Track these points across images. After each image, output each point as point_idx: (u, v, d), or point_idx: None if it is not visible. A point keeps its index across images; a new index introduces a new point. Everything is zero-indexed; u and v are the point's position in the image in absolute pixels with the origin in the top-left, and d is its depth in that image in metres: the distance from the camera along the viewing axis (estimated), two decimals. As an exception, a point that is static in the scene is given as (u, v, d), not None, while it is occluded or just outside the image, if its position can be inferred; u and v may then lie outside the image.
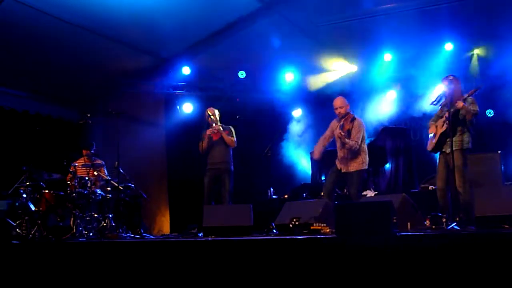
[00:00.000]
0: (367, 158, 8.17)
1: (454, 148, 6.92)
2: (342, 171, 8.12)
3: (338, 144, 8.21)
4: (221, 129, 8.87)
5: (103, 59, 10.89)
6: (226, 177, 8.81)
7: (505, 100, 10.49)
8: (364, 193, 9.76)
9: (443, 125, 7.18)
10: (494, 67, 10.29)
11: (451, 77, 7.23)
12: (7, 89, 11.03)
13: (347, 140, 7.95)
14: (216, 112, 9.09)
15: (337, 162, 8.23)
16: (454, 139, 7.01)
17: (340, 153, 8.18)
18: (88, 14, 9.21)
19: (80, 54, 10.38)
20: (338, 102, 8.28)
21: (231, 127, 9.07)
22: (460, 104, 6.79)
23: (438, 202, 7.30)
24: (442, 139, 7.19)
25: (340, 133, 7.98)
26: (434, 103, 7.44)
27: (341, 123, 8.17)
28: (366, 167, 8.25)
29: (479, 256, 4.04)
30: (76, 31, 9.60)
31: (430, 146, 7.48)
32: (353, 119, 8.15)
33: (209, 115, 8.97)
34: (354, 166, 8.05)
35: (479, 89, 6.82)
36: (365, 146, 8.18)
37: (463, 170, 6.95)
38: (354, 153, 8.03)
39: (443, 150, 7.25)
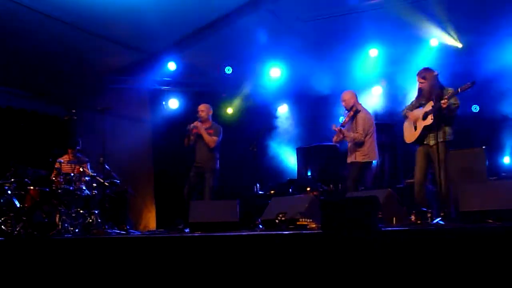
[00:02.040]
0: (375, 152, 8.23)
1: (439, 140, 6.91)
2: (348, 161, 8.21)
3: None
4: (199, 126, 8.86)
5: (88, 54, 10.82)
6: (209, 175, 8.85)
7: (490, 95, 10.56)
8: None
9: (425, 117, 7.11)
10: (479, 61, 10.34)
11: (428, 71, 7.23)
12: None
13: (345, 133, 8.04)
14: (207, 108, 9.08)
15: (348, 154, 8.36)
16: (438, 131, 7.00)
17: (348, 145, 8.29)
18: (73, 9, 9.14)
19: (65, 50, 10.32)
20: (343, 95, 8.38)
21: (219, 126, 9.05)
22: (445, 103, 6.75)
23: (415, 195, 7.25)
24: (425, 132, 7.15)
25: (337, 128, 8.09)
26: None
27: (346, 119, 8.28)
28: (371, 160, 8.30)
29: (464, 250, 4.07)
30: (61, 26, 9.54)
31: (411, 137, 7.40)
32: (356, 112, 8.21)
33: (198, 111, 9.00)
34: (355, 157, 8.13)
35: (473, 84, 6.73)
36: (371, 139, 8.20)
37: (446, 162, 6.96)
38: (358, 145, 8.10)
39: (425, 142, 7.22)
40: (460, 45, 10.65)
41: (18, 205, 8.54)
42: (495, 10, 9.41)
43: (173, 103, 12.40)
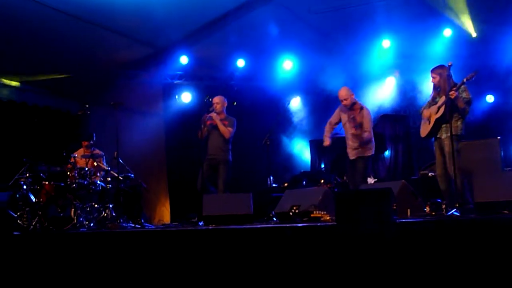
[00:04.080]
0: (374, 144, 8.28)
1: (449, 134, 6.90)
2: (351, 158, 8.19)
3: (347, 134, 8.26)
4: (214, 116, 8.83)
5: (100, 49, 10.84)
6: (222, 167, 8.77)
7: (505, 86, 10.49)
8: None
9: (437, 111, 7.18)
10: (494, 52, 10.26)
11: (441, 68, 7.24)
12: (5, 81, 10.99)
13: (365, 135, 8.02)
14: (221, 100, 9.04)
15: (348, 151, 8.32)
16: (448, 125, 6.98)
17: (349, 142, 8.24)
18: (85, 4, 9.15)
19: (78, 45, 10.33)
20: (343, 93, 8.29)
21: (233, 119, 9.03)
22: (453, 94, 6.77)
23: (440, 188, 7.29)
24: (437, 125, 7.21)
25: (355, 130, 8.07)
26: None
27: (352, 116, 8.19)
28: (373, 153, 8.33)
29: (479, 242, 4.05)
30: (73, 21, 9.54)
31: (424, 132, 7.48)
32: (362, 108, 8.18)
33: (213, 103, 8.96)
34: (361, 152, 8.13)
35: (476, 73, 6.77)
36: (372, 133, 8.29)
37: (456, 156, 6.94)
38: (363, 142, 8.08)
39: (438, 136, 7.26)
40: (474, 35, 10.55)
41: (33, 200, 8.60)
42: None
43: (186, 97, 12.42)
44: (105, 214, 8.75)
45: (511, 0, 9.34)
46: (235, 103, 9.60)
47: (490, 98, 10.72)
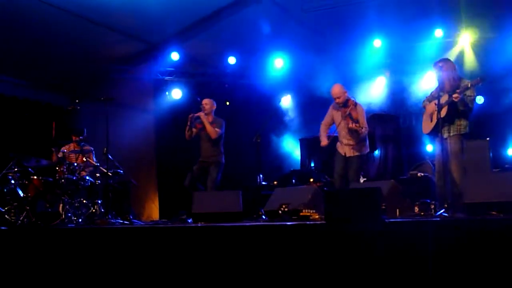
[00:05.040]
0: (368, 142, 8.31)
1: (452, 134, 6.86)
2: (347, 155, 8.17)
3: (342, 131, 8.24)
4: (202, 116, 8.87)
5: (92, 44, 10.80)
6: (213, 168, 8.88)
7: (494, 88, 10.53)
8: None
9: (439, 109, 7.04)
10: (485, 54, 10.31)
11: (445, 61, 7.12)
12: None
13: (363, 130, 7.99)
14: (211, 103, 9.08)
15: (339, 147, 8.27)
16: (452, 124, 6.94)
17: (344, 140, 8.22)
18: (77, -1, 9.15)
19: (69, 40, 10.30)
20: (337, 91, 8.26)
21: (222, 120, 9.05)
22: (457, 97, 6.69)
23: (437, 184, 7.19)
24: (440, 124, 7.07)
25: (354, 125, 7.99)
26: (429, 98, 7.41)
27: (348, 112, 8.15)
28: (368, 151, 8.37)
29: (467, 242, 4.07)
30: (65, 16, 9.52)
31: (427, 129, 7.37)
32: (356, 104, 8.18)
33: (202, 104, 9.01)
34: (358, 150, 8.14)
35: (483, 81, 6.65)
36: None
37: (460, 156, 6.91)
38: (360, 138, 8.09)
39: (440, 135, 7.12)
40: (466, 37, 10.61)
41: (21, 195, 8.56)
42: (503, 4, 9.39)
43: (177, 93, 12.39)
44: (94, 210, 8.72)
45: (504, 5, 9.37)
46: (228, 103, 9.60)
47: (480, 100, 10.76)
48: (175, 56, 11.70)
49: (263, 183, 10.49)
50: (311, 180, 10.14)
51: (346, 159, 8.20)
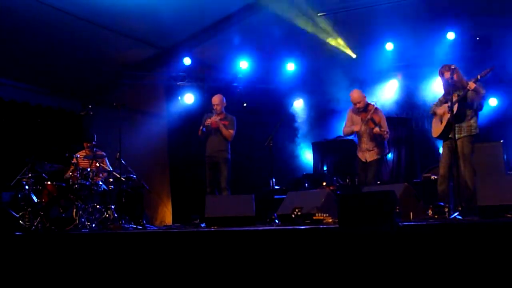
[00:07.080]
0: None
1: (462, 135, 6.83)
2: (368, 160, 8.19)
3: (363, 136, 8.25)
4: (218, 121, 8.90)
5: (104, 50, 10.85)
6: (222, 165, 8.94)
7: (508, 89, 10.46)
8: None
9: (450, 109, 7.00)
10: (497, 55, 10.24)
11: (452, 66, 7.11)
12: (7, 80, 10.96)
13: (386, 135, 8.02)
14: (221, 100, 9.07)
15: (359, 154, 8.32)
16: (462, 125, 6.91)
17: (363, 145, 8.26)
18: (89, 4, 9.18)
19: (81, 45, 10.34)
20: (356, 96, 8.32)
21: (233, 117, 9.07)
22: (472, 85, 6.67)
23: (437, 189, 7.24)
24: (450, 125, 7.02)
25: (379, 130, 8.01)
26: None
27: (369, 116, 8.17)
28: (388, 151, 8.48)
29: (482, 245, 4.04)
30: (76, 22, 9.57)
31: (437, 132, 7.36)
32: (376, 108, 8.20)
33: (213, 105, 9.01)
34: (378, 153, 8.23)
35: (492, 69, 6.63)
36: None
37: (470, 157, 6.87)
38: (380, 143, 8.10)
39: (450, 136, 7.10)
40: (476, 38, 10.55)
41: (35, 200, 8.60)
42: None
43: (189, 98, 12.41)
44: (107, 215, 8.76)
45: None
46: (245, 105, 9.58)
47: (493, 102, 10.69)
48: (187, 61, 11.73)
49: (276, 187, 10.48)
50: (324, 183, 10.12)
51: (367, 164, 8.23)
